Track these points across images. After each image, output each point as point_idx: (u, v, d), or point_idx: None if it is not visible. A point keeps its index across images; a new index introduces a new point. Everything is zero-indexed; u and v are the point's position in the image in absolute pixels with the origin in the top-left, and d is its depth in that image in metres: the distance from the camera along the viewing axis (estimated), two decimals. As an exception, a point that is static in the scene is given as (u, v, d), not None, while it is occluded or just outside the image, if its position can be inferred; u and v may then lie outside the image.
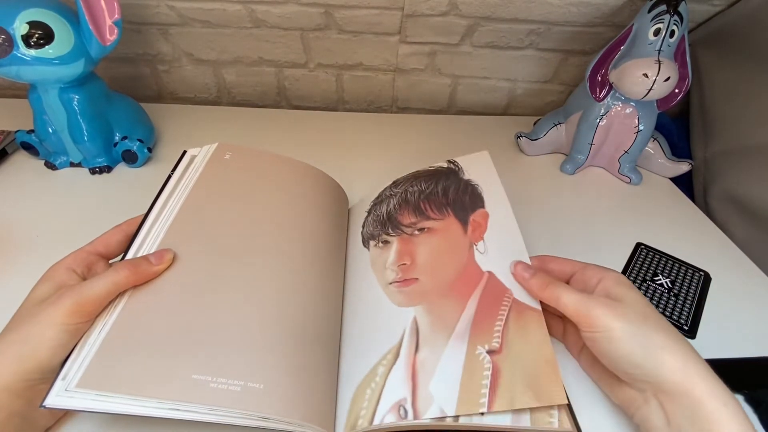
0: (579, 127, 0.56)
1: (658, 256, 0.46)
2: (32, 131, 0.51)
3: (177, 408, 0.24)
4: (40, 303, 0.27)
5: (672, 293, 0.42)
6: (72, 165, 0.52)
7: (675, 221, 0.52)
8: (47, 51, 0.42)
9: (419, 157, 0.60)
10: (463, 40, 0.63)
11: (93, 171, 0.52)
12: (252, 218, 0.36)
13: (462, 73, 0.68)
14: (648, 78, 0.47)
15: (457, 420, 0.27)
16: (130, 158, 0.53)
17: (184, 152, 0.39)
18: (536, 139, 0.60)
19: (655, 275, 0.44)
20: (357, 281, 0.36)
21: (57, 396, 0.24)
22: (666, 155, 0.57)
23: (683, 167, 0.57)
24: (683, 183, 0.59)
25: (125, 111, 0.54)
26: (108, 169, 0.53)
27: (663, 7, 0.47)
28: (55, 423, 0.29)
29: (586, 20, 0.59)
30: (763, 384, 0.35)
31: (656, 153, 0.58)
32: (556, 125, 0.59)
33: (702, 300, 0.42)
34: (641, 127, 0.53)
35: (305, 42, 0.63)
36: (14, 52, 0.41)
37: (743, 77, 0.55)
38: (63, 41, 0.43)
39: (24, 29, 0.41)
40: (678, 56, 0.51)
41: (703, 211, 0.54)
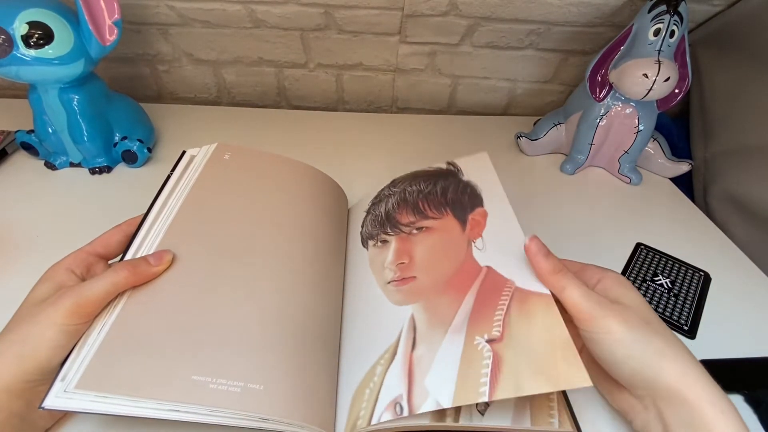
0: (579, 127, 0.56)
1: (658, 256, 0.46)
2: (32, 131, 0.51)
3: (177, 409, 0.24)
4: (40, 303, 0.27)
5: (672, 293, 0.42)
6: (72, 165, 0.52)
7: (675, 221, 0.52)
8: (47, 51, 0.42)
9: (419, 157, 0.60)
10: (463, 40, 0.63)
11: (93, 171, 0.52)
12: (251, 218, 0.36)
13: (462, 73, 0.68)
14: (648, 78, 0.47)
15: (458, 420, 0.27)
16: (130, 158, 0.53)
17: (183, 152, 0.39)
18: (536, 139, 0.60)
19: (655, 275, 0.44)
20: (356, 281, 0.36)
21: (56, 397, 0.24)
22: (666, 155, 0.57)
23: (683, 167, 0.57)
24: (683, 183, 0.59)
25: (125, 111, 0.54)
26: (108, 169, 0.53)
27: (663, 7, 0.47)
28: (55, 424, 0.29)
29: (586, 20, 0.59)
30: (763, 384, 0.35)
31: (656, 153, 0.58)
32: (556, 125, 0.59)
33: (702, 300, 0.42)
34: (641, 127, 0.53)
35: (305, 42, 0.63)
36: (14, 52, 0.41)
37: (743, 77, 0.55)
38: (63, 41, 0.43)
39: (24, 29, 0.41)
40: (678, 56, 0.51)
41: (703, 211, 0.54)
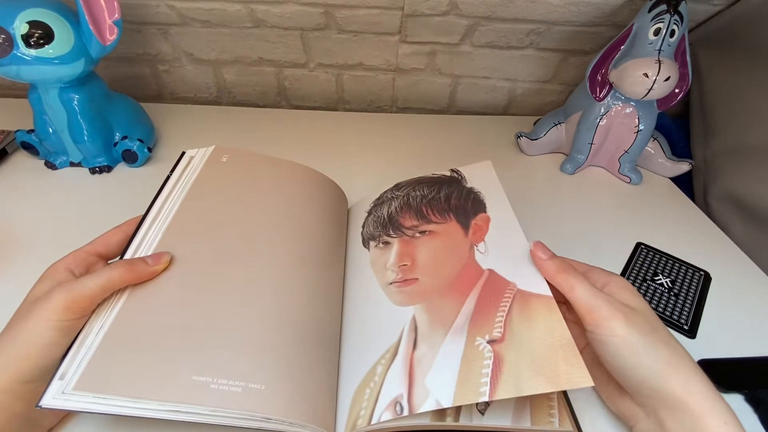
0: (579, 127, 0.56)
1: (658, 256, 0.46)
2: (32, 131, 0.51)
3: (178, 410, 0.24)
4: (35, 301, 0.27)
5: (672, 293, 0.42)
6: (72, 165, 0.52)
7: (675, 221, 0.52)
8: (47, 51, 0.42)
9: (419, 157, 0.60)
10: (463, 40, 0.63)
11: (93, 171, 0.52)
12: (250, 219, 0.36)
13: (462, 73, 0.68)
14: (648, 78, 0.47)
15: (458, 419, 0.27)
16: (130, 158, 0.53)
17: (183, 153, 0.39)
18: (536, 139, 0.60)
19: (655, 275, 0.44)
20: (357, 281, 0.36)
21: (54, 398, 0.23)
22: (666, 155, 0.57)
23: (683, 167, 0.57)
24: (683, 183, 0.59)
25: (125, 111, 0.54)
26: (108, 169, 0.53)
27: (663, 7, 0.47)
28: (59, 422, 0.29)
29: (586, 20, 0.59)
30: (763, 384, 0.35)
31: (656, 153, 0.58)
32: (556, 125, 0.59)
33: (702, 300, 0.42)
34: (641, 127, 0.53)
35: (305, 42, 0.63)
36: (14, 52, 0.41)
37: (743, 77, 0.55)
38: (63, 41, 0.43)
39: (24, 29, 0.41)
40: (678, 56, 0.51)
41: (703, 211, 0.54)
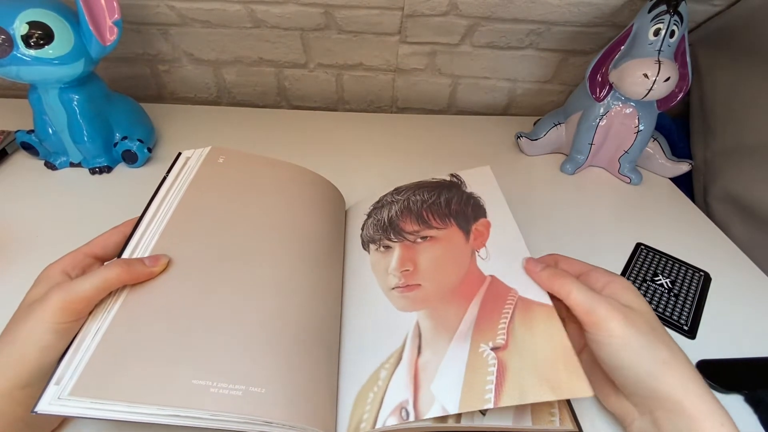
0: (579, 127, 0.56)
1: (658, 256, 0.46)
2: (32, 131, 0.51)
3: (177, 414, 0.24)
4: (31, 305, 0.26)
5: (672, 293, 0.42)
6: (72, 165, 0.52)
7: (675, 221, 0.52)
8: (47, 51, 0.42)
9: (419, 158, 0.60)
10: (463, 40, 0.63)
11: (93, 171, 0.52)
12: (247, 221, 0.35)
13: (462, 73, 0.68)
14: (648, 78, 0.47)
15: (459, 421, 0.27)
16: (130, 158, 0.52)
17: (179, 154, 0.39)
18: (536, 139, 0.60)
19: (655, 275, 0.44)
20: (357, 284, 0.36)
21: (50, 404, 0.23)
22: (666, 155, 0.57)
23: (683, 167, 0.57)
24: (683, 183, 0.59)
25: (125, 111, 0.54)
26: (108, 169, 0.53)
27: (663, 7, 0.47)
28: (60, 424, 0.29)
29: (586, 20, 0.59)
30: (763, 384, 0.35)
31: (656, 153, 0.58)
32: (556, 125, 0.59)
33: (702, 300, 0.42)
34: (641, 127, 0.53)
35: (305, 42, 0.63)
36: (14, 53, 0.41)
37: (743, 77, 0.55)
38: (63, 41, 0.43)
39: (24, 29, 0.41)
40: (678, 56, 0.51)
41: (703, 211, 0.54)
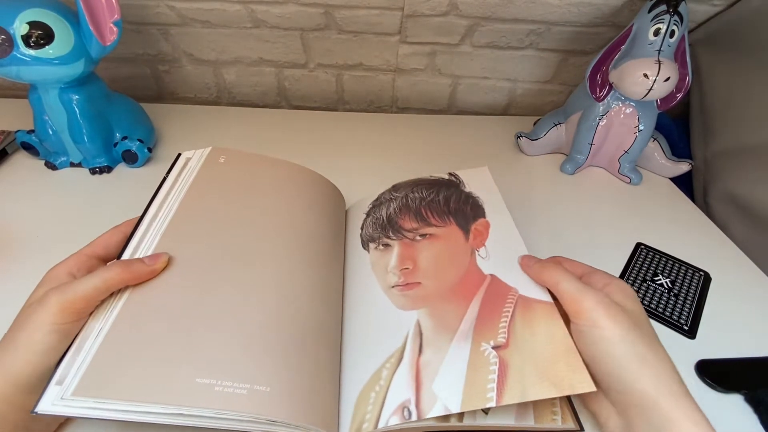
0: (579, 127, 0.56)
1: (658, 256, 0.46)
2: (32, 131, 0.51)
3: (181, 413, 0.24)
4: (30, 306, 0.26)
5: (672, 293, 0.42)
6: (72, 165, 0.52)
7: (675, 221, 0.52)
8: (47, 51, 0.42)
9: (419, 158, 0.60)
10: (463, 40, 0.63)
11: (93, 171, 0.52)
12: (248, 221, 0.35)
13: (462, 73, 0.68)
14: (648, 78, 0.47)
15: (462, 420, 0.27)
16: (130, 158, 0.52)
17: (179, 155, 0.39)
18: (536, 139, 0.60)
19: (655, 275, 0.44)
20: (357, 283, 0.36)
21: (52, 404, 0.23)
22: (666, 155, 0.57)
23: (683, 167, 0.57)
24: (683, 183, 0.59)
25: (125, 111, 0.54)
26: (108, 170, 0.53)
27: (663, 7, 0.47)
28: (62, 424, 0.29)
29: (586, 20, 0.59)
30: (763, 384, 0.35)
31: (656, 153, 0.57)
32: (556, 125, 0.59)
33: (702, 300, 0.42)
34: (641, 127, 0.53)
35: (305, 42, 0.63)
36: (14, 53, 0.41)
37: (743, 77, 0.55)
38: (63, 41, 0.43)
39: (24, 29, 0.41)
40: (678, 56, 0.51)
41: (703, 211, 0.54)
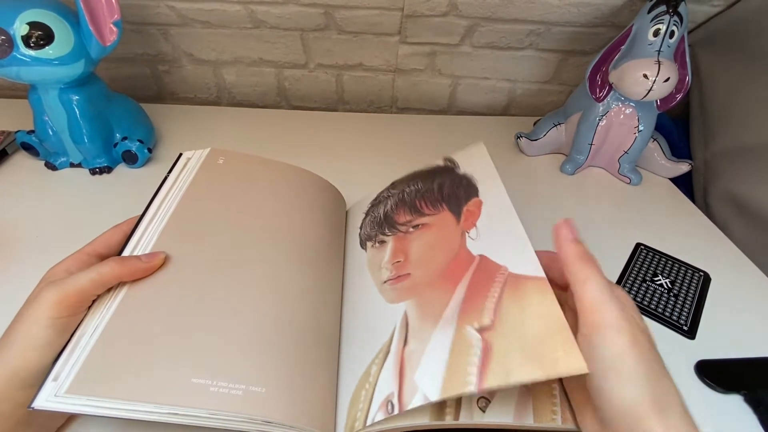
0: (579, 128, 0.56)
1: (658, 257, 0.46)
2: (32, 132, 0.51)
3: (176, 412, 0.24)
4: (26, 302, 0.26)
5: (672, 293, 0.42)
6: (72, 165, 0.52)
7: (675, 221, 0.52)
8: (47, 52, 0.42)
9: (419, 158, 0.60)
10: (463, 41, 0.63)
11: (93, 171, 0.52)
12: (246, 222, 0.36)
13: (462, 74, 0.68)
14: (648, 78, 0.47)
15: (458, 418, 0.27)
16: (130, 159, 0.52)
17: (180, 155, 0.39)
18: (536, 140, 0.60)
19: (655, 275, 0.44)
20: (355, 283, 0.36)
21: (47, 400, 0.23)
22: (666, 155, 0.57)
23: (683, 167, 0.57)
24: (683, 183, 0.59)
25: (125, 111, 0.54)
26: (108, 170, 0.53)
27: (663, 8, 0.47)
28: (66, 422, 0.29)
29: (586, 20, 0.59)
30: (763, 384, 0.35)
31: (656, 153, 0.57)
32: (556, 125, 0.59)
33: (702, 300, 0.42)
34: (641, 128, 0.53)
35: (305, 42, 0.63)
36: (14, 53, 0.41)
37: (743, 77, 0.55)
38: (63, 42, 0.43)
39: (24, 30, 0.41)
40: (678, 57, 0.51)
41: (703, 211, 0.54)
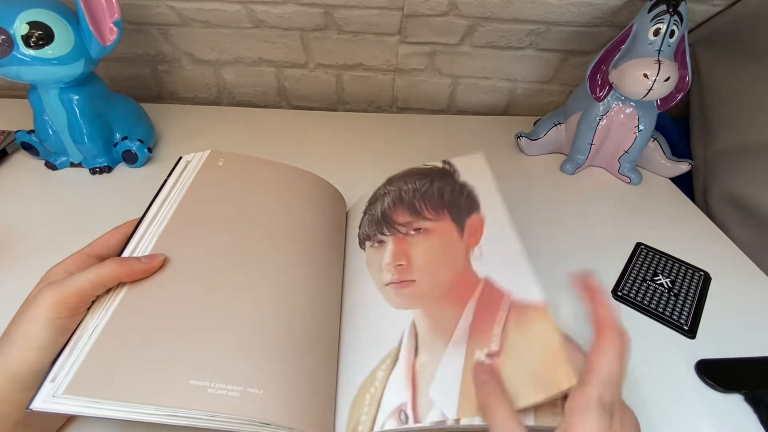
0: (579, 127, 0.56)
1: (658, 256, 0.46)
2: (32, 131, 0.51)
3: (175, 414, 0.24)
4: (25, 302, 0.26)
5: (672, 293, 0.42)
6: (72, 165, 0.52)
7: (675, 221, 0.52)
8: (47, 51, 0.42)
9: (419, 158, 0.59)
10: (463, 40, 0.63)
11: (93, 171, 0.52)
12: (246, 223, 0.35)
13: (462, 73, 0.68)
14: (648, 78, 0.47)
15: (459, 423, 0.27)
16: (131, 158, 0.52)
17: (180, 158, 0.39)
18: (536, 139, 0.60)
19: (655, 275, 0.44)
20: (355, 283, 0.36)
21: (44, 401, 0.23)
22: (666, 155, 0.57)
23: (683, 167, 0.57)
24: (683, 183, 0.59)
25: (125, 111, 0.54)
26: (108, 170, 0.53)
27: (663, 7, 0.47)
28: (66, 423, 0.29)
29: (586, 20, 0.59)
30: (763, 384, 0.35)
31: (656, 153, 0.57)
32: (556, 125, 0.59)
33: (702, 300, 0.42)
34: (641, 127, 0.53)
35: (305, 42, 0.63)
36: (14, 53, 0.41)
37: (743, 77, 0.55)
38: (63, 41, 0.43)
39: (24, 29, 0.41)
40: (678, 56, 0.51)
41: (703, 211, 0.54)
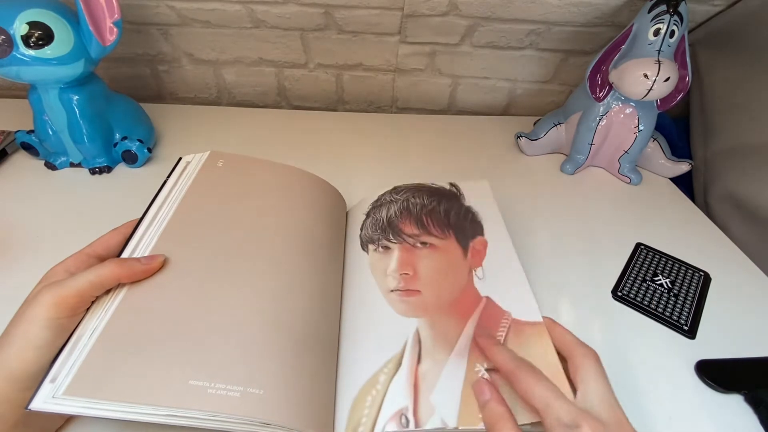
0: (579, 128, 0.56)
1: (658, 256, 0.46)
2: (32, 131, 0.51)
3: (174, 414, 0.24)
4: (24, 302, 0.26)
5: (672, 293, 0.42)
6: (72, 165, 0.52)
7: (675, 221, 0.52)
8: (47, 51, 0.42)
9: (419, 158, 0.60)
10: (463, 40, 0.63)
11: (93, 171, 0.52)
12: (244, 224, 0.36)
13: (462, 73, 0.68)
14: (648, 78, 0.47)
15: (458, 431, 0.28)
16: (130, 158, 0.52)
17: (180, 159, 0.39)
18: (536, 139, 0.60)
19: (655, 275, 0.44)
20: (356, 284, 0.36)
21: (44, 402, 0.23)
22: (666, 155, 0.57)
23: (683, 167, 0.57)
24: (683, 183, 0.59)
25: (125, 111, 0.54)
26: (108, 170, 0.53)
27: (663, 7, 0.47)
28: (65, 423, 0.29)
29: (586, 20, 0.59)
30: (763, 384, 0.35)
31: (656, 153, 0.57)
32: (556, 125, 0.59)
33: (702, 300, 0.42)
34: (641, 127, 0.53)
35: (305, 42, 0.63)
36: (14, 53, 0.41)
37: (743, 77, 0.55)
38: (63, 42, 0.43)
39: (24, 29, 0.41)
40: (678, 56, 0.51)
41: (703, 211, 0.54)
